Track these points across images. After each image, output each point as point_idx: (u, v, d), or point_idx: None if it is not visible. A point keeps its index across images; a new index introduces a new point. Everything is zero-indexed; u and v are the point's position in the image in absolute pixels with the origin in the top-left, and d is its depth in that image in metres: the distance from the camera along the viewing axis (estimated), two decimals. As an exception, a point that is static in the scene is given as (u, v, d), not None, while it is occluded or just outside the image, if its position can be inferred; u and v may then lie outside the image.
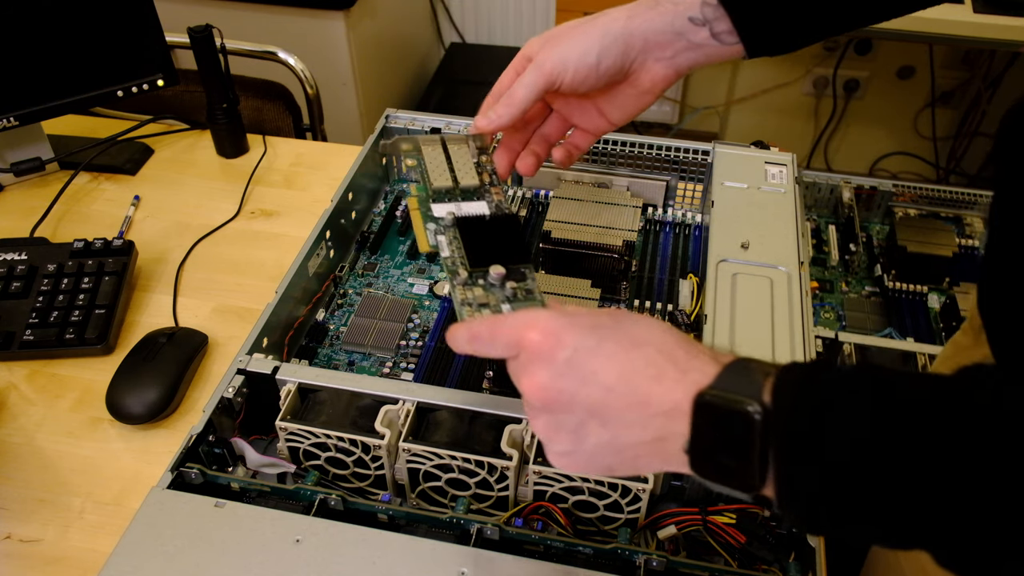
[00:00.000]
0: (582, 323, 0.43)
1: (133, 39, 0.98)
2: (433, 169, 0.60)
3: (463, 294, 0.53)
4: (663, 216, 0.90)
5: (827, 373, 0.37)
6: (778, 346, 0.64)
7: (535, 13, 2.38)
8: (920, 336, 0.81)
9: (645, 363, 0.40)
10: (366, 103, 1.99)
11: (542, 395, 0.42)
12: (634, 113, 0.62)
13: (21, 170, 1.00)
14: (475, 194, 0.59)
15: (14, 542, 0.65)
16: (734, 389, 0.37)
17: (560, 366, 0.42)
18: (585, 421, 0.41)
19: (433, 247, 0.55)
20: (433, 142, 0.62)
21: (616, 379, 0.40)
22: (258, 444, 0.63)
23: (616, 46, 0.57)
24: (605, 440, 0.41)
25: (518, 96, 0.58)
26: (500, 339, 0.45)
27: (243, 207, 1.00)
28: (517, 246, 0.56)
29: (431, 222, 0.57)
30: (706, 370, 0.39)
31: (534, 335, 0.43)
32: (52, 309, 0.82)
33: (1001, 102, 2.12)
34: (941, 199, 0.93)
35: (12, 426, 0.74)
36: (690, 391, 0.38)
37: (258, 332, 0.68)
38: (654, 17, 0.58)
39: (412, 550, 0.53)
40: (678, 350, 0.41)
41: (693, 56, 0.59)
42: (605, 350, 0.41)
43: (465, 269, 0.54)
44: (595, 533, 0.59)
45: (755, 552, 0.56)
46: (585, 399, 0.41)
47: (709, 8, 0.57)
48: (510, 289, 0.53)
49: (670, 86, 0.61)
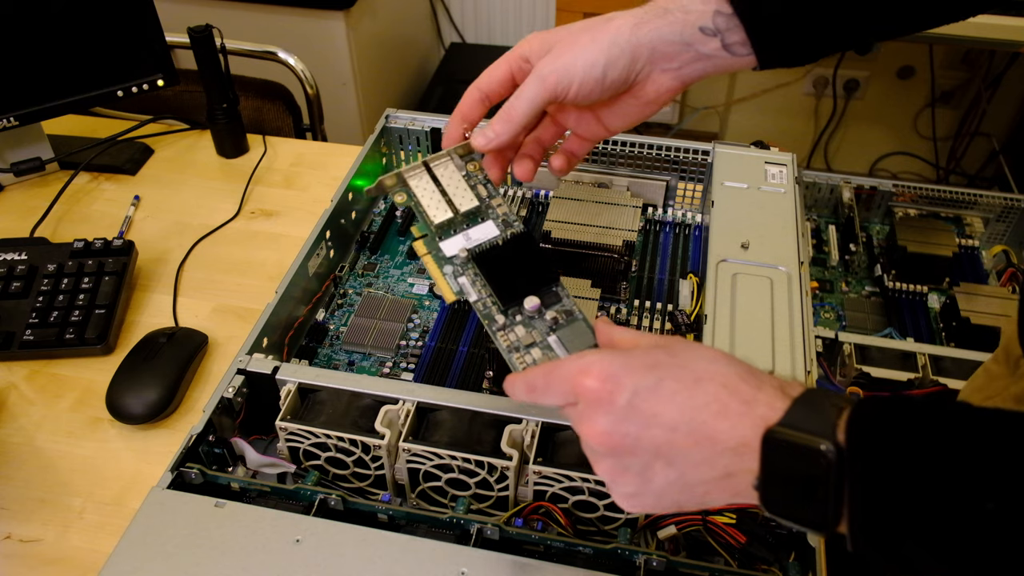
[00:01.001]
0: (638, 363, 0.42)
1: (133, 39, 0.98)
2: (428, 203, 0.56)
3: (506, 340, 0.51)
4: (663, 216, 0.90)
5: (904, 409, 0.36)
6: (778, 346, 0.64)
7: (535, 13, 2.38)
8: (920, 336, 0.81)
9: (708, 399, 0.39)
10: (366, 103, 1.99)
11: (605, 440, 0.41)
12: (635, 122, 0.60)
13: (21, 170, 1.00)
14: (479, 215, 0.56)
15: (14, 542, 0.65)
16: (805, 426, 0.36)
17: (621, 411, 0.41)
18: (651, 463, 0.41)
19: (458, 293, 0.53)
20: (417, 170, 0.58)
21: (679, 418, 0.39)
22: (258, 444, 0.63)
23: (623, 57, 0.54)
24: (672, 479, 0.40)
25: (518, 112, 0.55)
26: (556, 388, 0.44)
27: (243, 207, 1.00)
28: (541, 267, 0.53)
29: (446, 264, 0.54)
30: (774, 404, 0.38)
31: (590, 382, 0.42)
32: (52, 309, 0.82)
33: (1001, 102, 2.12)
34: (941, 199, 0.93)
35: (12, 426, 0.74)
36: (758, 426, 0.37)
37: (258, 332, 0.68)
38: (662, 26, 0.54)
39: (412, 550, 0.53)
40: (742, 384, 0.40)
41: (701, 67, 0.56)
42: (666, 389, 0.40)
43: (501, 313, 0.52)
44: (595, 533, 0.59)
45: (755, 552, 0.56)
46: (649, 441, 0.40)
47: (722, 18, 0.54)
48: (550, 318, 0.52)
49: (674, 97, 0.58)
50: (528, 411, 0.59)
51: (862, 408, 0.36)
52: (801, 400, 0.38)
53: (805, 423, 0.36)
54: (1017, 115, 2.12)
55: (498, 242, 0.54)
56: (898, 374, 0.74)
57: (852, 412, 0.36)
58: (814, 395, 0.38)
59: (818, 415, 0.37)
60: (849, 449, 0.35)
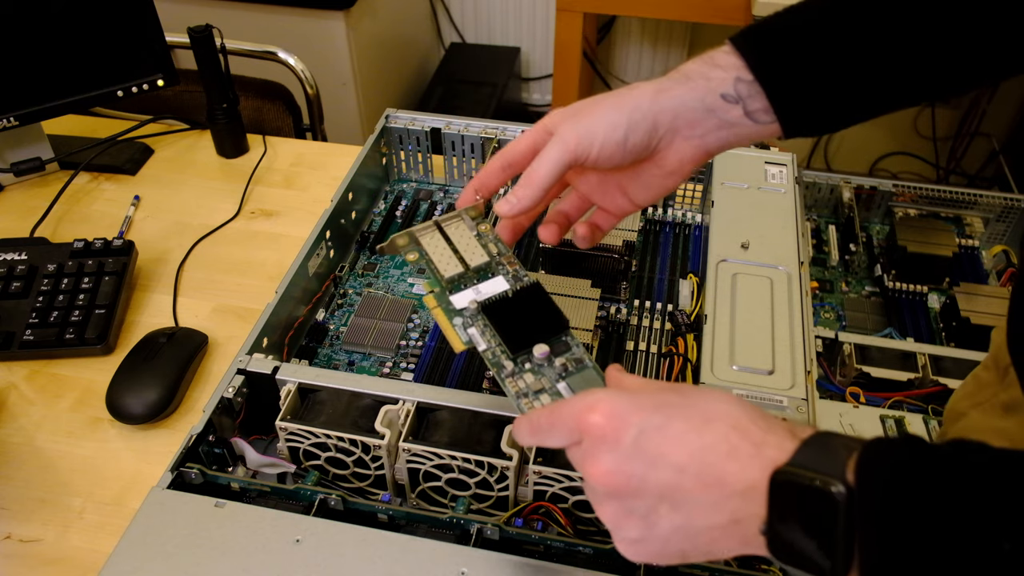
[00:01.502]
0: (647, 402, 0.41)
1: (133, 39, 0.98)
2: (438, 259, 0.56)
3: (515, 386, 0.51)
4: (663, 216, 0.90)
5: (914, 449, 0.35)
6: (778, 346, 0.64)
7: (535, 13, 2.38)
8: (920, 336, 0.81)
9: (717, 440, 0.38)
10: (366, 103, 1.99)
11: (609, 480, 0.40)
12: (660, 195, 0.57)
13: (21, 170, 1.00)
14: (489, 271, 0.56)
15: (14, 542, 0.65)
16: (814, 466, 0.35)
17: (627, 449, 0.40)
18: (656, 506, 0.39)
19: (467, 343, 0.53)
20: (428, 230, 0.58)
21: (687, 459, 0.38)
22: (258, 444, 0.63)
23: (645, 121, 0.52)
24: (678, 524, 0.39)
25: (540, 174, 0.53)
26: (561, 426, 0.43)
27: (243, 207, 1.00)
28: (550, 315, 0.53)
29: (456, 316, 0.54)
30: (783, 445, 0.37)
31: (596, 418, 0.41)
32: (52, 309, 0.82)
33: (1001, 102, 2.12)
34: (941, 199, 0.93)
35: (12, 426, 0.74)
36: (766, 468, 0.36)
37: (258, 332, 0.68)
38: (684, 93, 0.52)
39: (412, 550, 0.53)
40: (752, 425, 0.39)
41: (724, 135, 0.53)
42: (674, 429, 0.39)
43: (509, 360, 0.52)
44: (595, 533, 0.59)
45: (755, 552, 0.56)
46: (655, 483, 0.39)
47: (743, 85, 0.52)
48: (559, 365, 0.51)
49: (698, 167, 0.56)
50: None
51: (872, 448, 0.35)
52: (811, 441, 0.37)
53: (814, 463, 0.35)
54: (1017, 115, 2.12)
55: (507, 293, 0.54)
56: (898, 374, 0.74)
57: (862, 452, 0.35)
58: (824, 437, 0.37)
59: (828, 456, 0.36)
60: (859, 489, 0.34)
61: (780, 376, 0.62)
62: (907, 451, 0.35)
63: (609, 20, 2.33)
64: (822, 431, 0.38)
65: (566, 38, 1.96)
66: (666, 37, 2.33)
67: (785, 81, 0.51)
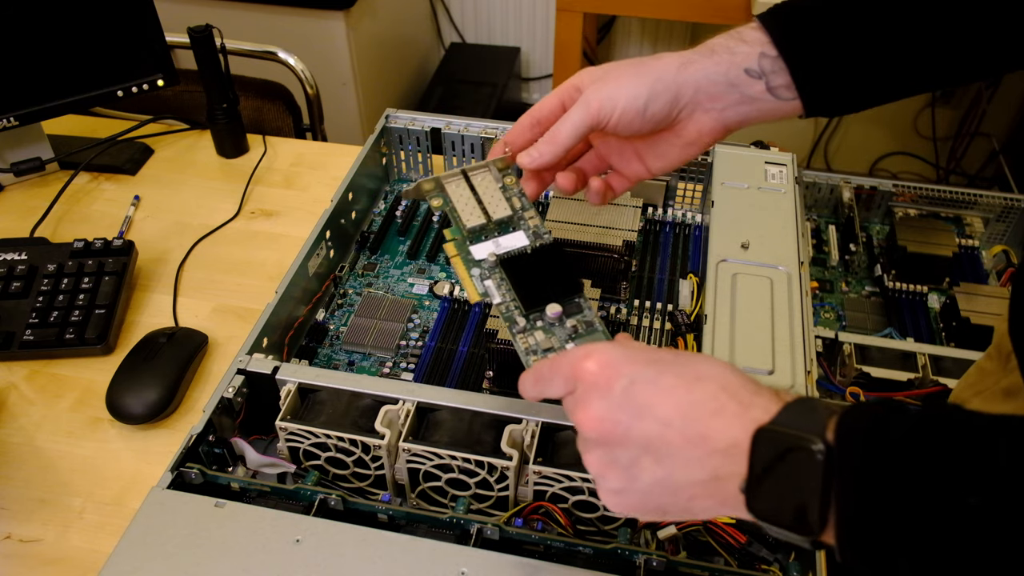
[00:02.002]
0: (641, 356, 0.42)
1: (133, 39, 0.98)
2: (462, 208, 0.57)
3: (525, 342, 0.52)
4: (663, 216, 0.90)
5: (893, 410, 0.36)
6: (778, 346, 0.64)
7: (535, 13, 2.38)
8: (920, 336, 0.81)
9: (705, 397, 0.39)
10: (366, 103, 1.99)
11: (597, 427, 0.41)
12: (676, 164, 0.59)
13: (21, 170, 1.00)
14: (511, 225, 0.57)
15: (14, 542, 0.65)
16: (796, 425, 0.36)
17: (616, 397, 0.41)
18: (639, 457, 0.40)
19: (483, 295, 0.54)
20: (455, 177, 0.59)
21: (674, 413, 0.39)
22: (258, 444, 0.63)
23: (667, 93, 0.54)
24: (659, 478, 0.40)
25: (563, 134, 0.55)
26: (559, 374, 0.44)
27: (243, 207, 1.00)
28: (566, 277, 0.54)
29: (474, 267, 0.55)
30: (768, 407, 0.38)
31: (591, 365, 0.42)
32: (52, 309, 0.82)
33: (1001, 102, 2.12)
34: (941, 199, 0.93)
35: (12, 426, 0.74)
36: (749, 428, 0.37)
37: (258, 332, 0.68)
38: (708, 66, 0.54)
39: (412, 550, 0.53)
40: (740, 388, 0.39)
41: (745, 110, 0.55)
42: (664, 382, 0.40)
43: (522, 316, 0.52)
44: (595, 533, 0.59)
45: (755, 552, 0.56)
46: (640, 433, 0.40)
47: (767, 60, 0.53)
48: (570, 326, 0.52)
49: (717, 141, 0.58)
50: (528, 411, 0.59)
51: (852, 409, 0.36)
52: (795, 403, 0.38)
53: (796, 423, 0.36)
54: (1017, 115, 2.12)
55: (527, 250, 0.55)
56: (898, 374, 0.74)
57: (843, 413, 0.36)
58: (808, 400, 0.38)
59: (809, 416, 0.36)
60: (838, 446, 0.35)
61: (780, 376, 0.62)
62: (884, 411, 0.36)
63: (609, 20, 2.33)
64: (807, 396, 0.39)
65: (566, 38, 1.96)
66: (666, 37, 2.33)
67: (808, 58, 0.52)
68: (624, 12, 2.16)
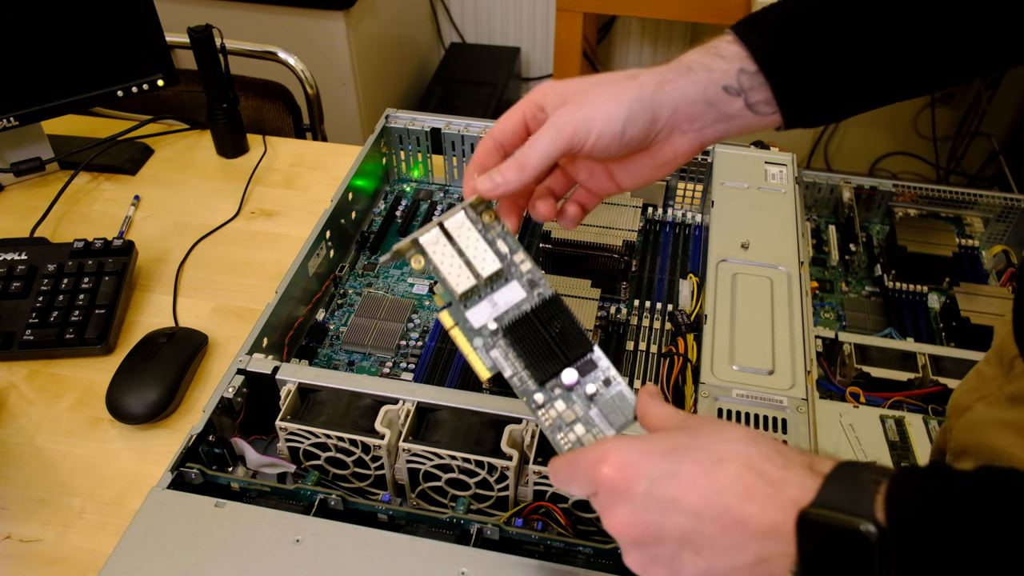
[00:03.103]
0: (656, 448, 0.41)
1: (133, 39, 0.98)
2: (448, 271, 0.53)
3: (548, 419, 0.50)
4: (663, 216, 0.90)
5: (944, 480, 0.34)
6: (778, 346, 0.64)
7: (535, 13, 2.38)
8: (920, 336, 0.81)
9: (730, 481, 0.38)
10: (366, 103, 1.99)
11: (627, 531, 0.40)
12: (647, 182, 0.56)
13: (21, 170, 1.00)
14: (503, 277, 0.54)
15: (14, 542, 0.65)
16: (841, 505, 0.35)
17: (640, 499, 0.39)
18: (678, 552, 0.39)
19: (492, 370, 0.51)
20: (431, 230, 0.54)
21: (701, 504, 0.38)
22: (258, 444, 0.63)
23: (643, 115, 0.51)
24: (702, 568, 0.39)
25: (532, 161, 0.51)
26: (577, 479, 0.43)
27: (243, 207, 1.00)
28: (574, 334, 0.52)
29: (476, 337, 0.52)
30: (804, 483, 0.36)
31: (607, 471, 0.41)
32: (52, 309, 0.82)
33: (1001, 102, 2.12)
34: (941, 199, 0.93)
35: (12, 426, 0.74)
36: (788, 509, 0.36)
37: (258, 332, 0.68)
38: (686, 84, 0.51)
39: (412, 550, 0.53)
40: (766, 463, 0.38)
41: (723, 128, 0.53)
42: (685, 473, 0.39)
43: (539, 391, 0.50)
44: (595, 533, 0.59)
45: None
46: (673, 529, 0.39)
47: (746, 76, 0.51)
48: (589, 391, 0.50)
49: (690, 158, 0.56)
50: (528, 411, 0.59)
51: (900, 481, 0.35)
52: (833, 476, 0.36)
53: (840, 502, 0.35)
54: (1017, 115, 2.12)
55: (527, 308, 0.52)
56: (898, 374, 0.74)
57: (890, 487, 0.34)
58: (847, 470, 0.36)
59: (853, 492, 0.35)
60: (891, 527, 0.33)
61: (780, 376, 0.62)
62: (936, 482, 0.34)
63: (609, 20, 2.33)
64: (843, 462, 0.37)
65: (566, 38, 1.96)
66: (666, 37, 2.33)
67: (788, 73, 0.51)
68: (624, 12, 2.16)
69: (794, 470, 0.37)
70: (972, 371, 0.63)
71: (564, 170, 0.59)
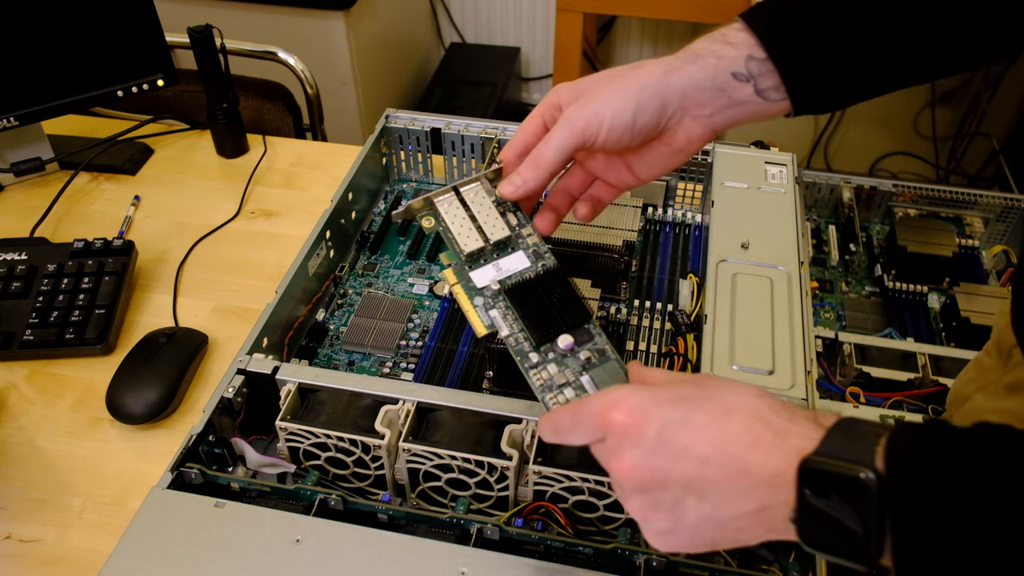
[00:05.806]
0: (667, 396, 0.41)
1: (133, 39, 0.98)
2: (457, 230, 0.54)
3: (539, 378, 0.51)
4: (663, 216, 0.90)
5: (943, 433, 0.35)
6: (778, 346, 0.64)
7: (535, 13, 2.38)
8: (920, 336, 0.81)
9: (739, 430, 0.39)
10: (366, 103, 1.99)
11: (634, 475, 0.41)
12: (665, 171, 0.57)
13: (21, 170, 1.00)
14: (509, 245, 0.55)
15: (14, 542, 0.65)
16: (842, 454, 0.35)
17: (650, 443, 0.40)
18: (682, 498, 0.40)
19: (490, 327, 0.52)
20: (446, 194, 0.56)
21: (710, 450, 0.39)
22: (258, 444, 0.63)
23: (653, 102, 0.52)
24: (705, 514, 0.40)
25: (546, 158, 0.53)
26: (583, 425, 0.43)
27: (243, 207, 1.00)
28: (574, 303, 0.52)
29: (477, 296, 0.53)
30: (808, 434, 0.37)
31: (619, 415, 0.41)
32: (52, 309, 0.82)
33: (1001, 102, 2.11)
34: (941, 199, 0.93)
35: (12, 426, 0.74)
36: (792, 457, 0.37)
37: (258, 332, 0.68)
38: (694, 72, 0.52)
39: (412, 550, 0.53)
40: (773, 415, 0.39)
41: (733, 114, 0.53)
42: (696, 421, 0.40)
43: (534, 350, 0.51)
44: (595, 533, 0.59)
45: (755, 552, 0.56)
46: (680, 475, 0.39)
47: (755, 63, 0.52)
48: (583, 358, 0.51)
49: (705, 145, 0.56)
50: (528, 411, 0.59)
51: (900, 433, 0.35)
52: (836, 428, 0.37)
53: (842, 451, 0.36)
54: (1017, 115, 2.12)
55: (530, 275, 0.53)
56: (898, 374, 0.74)
57: (890, 438, 0.35)
58: (850, 423, 0.37)
59: (855, 442, 0.36)
60: (890, 475, 0.34)
61: (780, 376, 0.62)
62: (936, 436, 0.35)
63: (609, 20, 2.33)
64: (847, 417, 0.38)
65: (566, 38, 1.96)
66: (666, 37, 2.33)
67: (798, 59, 0.51)
68: (624, 12, 2.16)
69: (799, 422, 0.38)
70: (971, 362, 0.63)
71: (582, 165, 0.60)
